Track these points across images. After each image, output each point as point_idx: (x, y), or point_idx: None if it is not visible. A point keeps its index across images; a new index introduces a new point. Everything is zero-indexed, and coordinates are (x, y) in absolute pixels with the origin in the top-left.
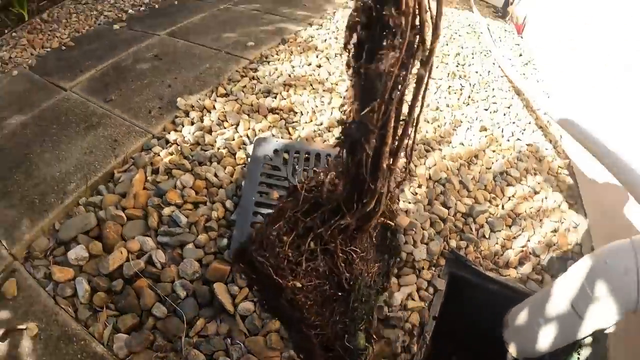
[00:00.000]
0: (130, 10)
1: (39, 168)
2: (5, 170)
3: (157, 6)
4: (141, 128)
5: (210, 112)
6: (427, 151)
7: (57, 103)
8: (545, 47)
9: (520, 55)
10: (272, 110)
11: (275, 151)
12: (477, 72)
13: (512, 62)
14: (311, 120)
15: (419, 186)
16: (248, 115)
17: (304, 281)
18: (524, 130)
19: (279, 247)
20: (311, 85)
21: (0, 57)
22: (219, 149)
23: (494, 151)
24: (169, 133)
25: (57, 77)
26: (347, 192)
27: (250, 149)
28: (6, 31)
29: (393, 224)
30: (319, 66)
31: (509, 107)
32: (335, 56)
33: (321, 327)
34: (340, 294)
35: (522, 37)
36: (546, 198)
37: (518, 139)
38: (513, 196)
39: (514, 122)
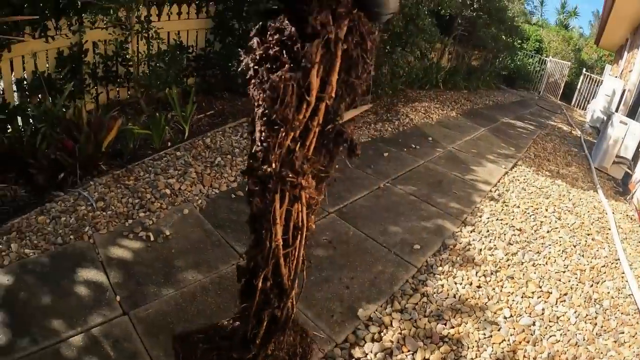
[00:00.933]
0: None
1: None
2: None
3: None
4: (325, 333)
5: (387, 329)
6: None
7: (235, 272)
8: None
9: None
10: (442, 339)
11: None
12: (609, 292)
13: (637, 268)
14: (476, 356)
15: None
16: (423, 341)
17: None
18: None
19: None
20: (474, 312)
21: (170, 184)
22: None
23: None
24: (353, 348)
25: (231, 235)
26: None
27: None
28: (169, 144)
29: None
30: (479, 287)
31: (634, 336)
32: (491, 274)
33: None
34: None
35: None
36: None
37: None
38: None
39: (637, 355)
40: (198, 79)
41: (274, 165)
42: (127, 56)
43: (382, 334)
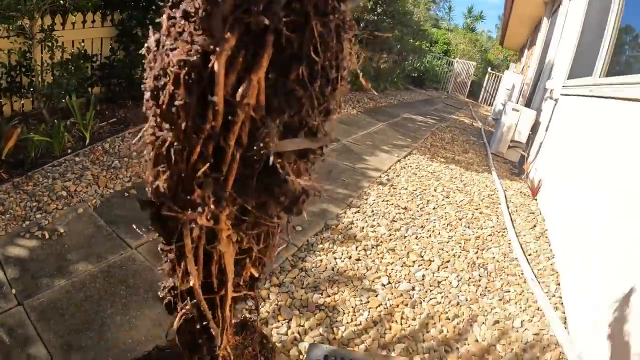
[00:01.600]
0: None
1: (111, 330)
2: (79, 322)
3: None
4: None
5: (265, 302)
6: (447, 352)
7: (124, 262)
8: (557, 215)
9: (534, 227)
10: (318, 307)
11: (326, 357)
12: (494, 257)
13: (525, 235)
14: (352, 320)
15: None
16: (299, 310)
17: None
18: (533, 317)
19: None
20: (352, 282)
21: (66, 187)
22: (274, 343)
23: (503, 344)
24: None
25: (122, 229)
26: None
27: (301, 346)
28: (69, 151)
29: None
30: (358, 259)
31: (520, 294)
32: (372, 248)
33: None
34: None
35: (536, 200)
36: None
37: (526, 329)
38: None
39: (524, 310)
40: (103, 88)
41: (160, 183)
42: (31, 66)
43: (259, 307)
